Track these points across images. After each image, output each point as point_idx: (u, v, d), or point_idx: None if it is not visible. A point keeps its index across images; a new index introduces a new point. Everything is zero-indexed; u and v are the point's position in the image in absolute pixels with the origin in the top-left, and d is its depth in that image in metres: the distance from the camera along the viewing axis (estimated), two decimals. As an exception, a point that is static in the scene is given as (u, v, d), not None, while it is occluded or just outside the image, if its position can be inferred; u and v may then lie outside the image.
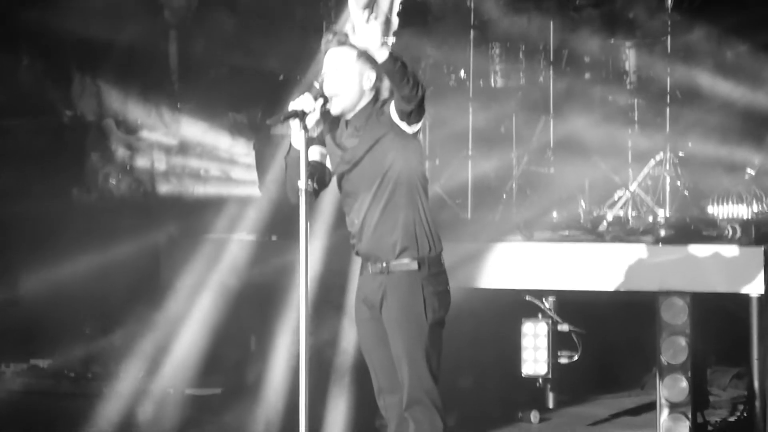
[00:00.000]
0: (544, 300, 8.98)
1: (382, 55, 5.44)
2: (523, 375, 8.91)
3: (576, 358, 9.00)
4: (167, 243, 9.58)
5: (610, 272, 8.59)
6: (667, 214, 9.45)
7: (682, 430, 8.28)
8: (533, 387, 9.08)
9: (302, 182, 5.44)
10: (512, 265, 8.81)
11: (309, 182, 5.46)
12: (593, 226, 9.38)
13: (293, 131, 5.55)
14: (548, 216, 9.54)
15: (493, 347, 9.23)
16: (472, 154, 9.82)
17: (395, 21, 10.32)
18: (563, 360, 8.98)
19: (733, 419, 8.90)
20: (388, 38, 10.35)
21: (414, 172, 5.69)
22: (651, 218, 9.40)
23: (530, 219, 9.30)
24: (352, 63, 5.65)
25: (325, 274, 8.58)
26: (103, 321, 9.84)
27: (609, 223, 9.38)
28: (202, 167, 10.47)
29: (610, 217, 9.45)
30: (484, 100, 9.96)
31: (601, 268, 8.61)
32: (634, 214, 9.53)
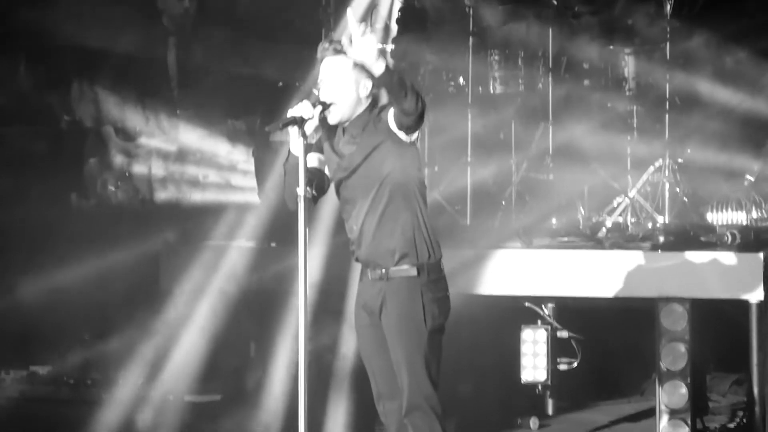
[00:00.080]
0: (543, 306, 8.98)
1: (378, 68, 5.44)
2: (522, 381, 8.91)
3: (575, 364, 9.00)
4: (166, 249, 9.57)
5: (609, 279, 8.56)
6: (667, 221, 9.42)
7: (681, 437, 8.32)
8: (533, 393, 9.06)
9: (301, 189, 5.42)
10: (511, 271, 8.78)
11: (308, 189, 5.44)
12: (592, 232, 9.33)
13: (292, 138, 5.54)
14: (547, 222, 9.50)
15: (493, 353, 9.20)
16: (471, 160, 9.80)
17: (394, 28, 10.37)
18: (562, 366, 8.98)
19: (732, 425, 8.86)
20: (386, 45, 10.42)
21: (412, 179, 5.67)
22: (650, 225, 9.35)
23: (529, 225, 9.26)
24: (348, 71, 5.63)
25: (324, 281, 8.58)
26: (102, 327, 9.82)
27: (608, 229, 9.33)
28: (200, 174, 10.46)
29: (609, 223, 9.40)
30: (483, 106, 9.95)
31: (600, 274, 8.59)
32: (633, 220, 9.48)
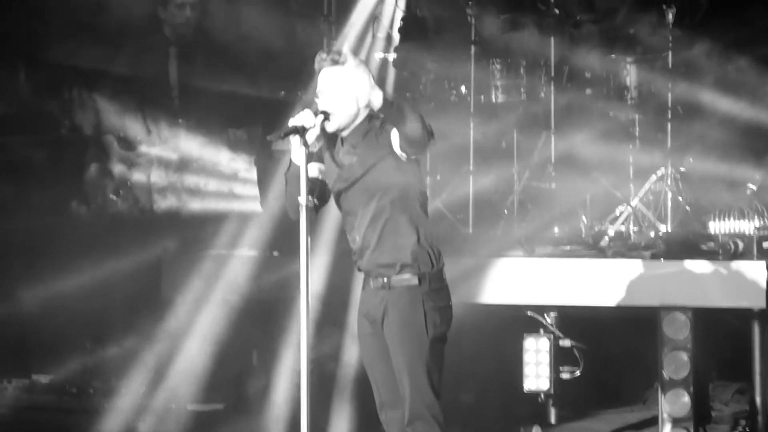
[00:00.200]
0: (545, 315, 8.97)
1: (377, 99, 5.47)
2: (524, 390, 8.90)
3: (578, 373, 8.99)
4: (168, 258, 9.56)
5: (611, 287, 8.58)
6: (669, 230, 9.42)
7: (684, 445, 8.32)
8: (535, 402, 9.04)
9: (302, 198, 5.41)
10: (514, 280, 8.79)
11: (309, 198, 5.43)
12: (595, 241, 9.33)
13: (293, 147, 5.51)
14: (549, 231, 9.51)
15: (495, 362, 9.20)
16: (473, 169, 9.82)
17: (396, 37, 10.40)
18: (565, 375, 8.97)
19: (735, 434, 8.96)
20: (388, 54, 10.43)
21: (413, 190, 5.67)
22: (652, 233, 9.36)
23: (531, 234, 9.28)
24: (346, 82, 5.59)
25: (327, 290, 8.58)
26: (104, 336, 9.81)
27: (610, 238, 9.32)
28: (201, 183, 10.44)
29: (611, 232, 9.40)
30: (485, 115, 9.96)
31: (602, 283, 8.60)
32: (635, 229, 9.48)
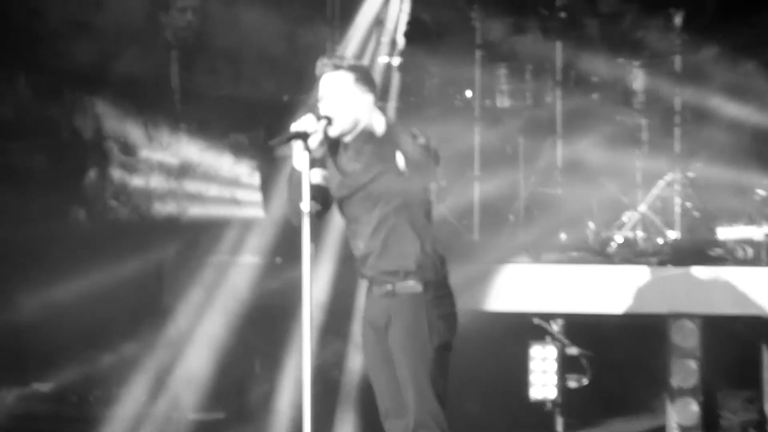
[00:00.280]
0: (552, 323, 8.97)
1: (379, 126, 5.45)
2: (531, 399, 8.91)
3: (585, 381, 8.97)
4: (170, 265, 9.55)
5: (618, 294, 8.60)
6: (677, 236, 9.46)
7: (693, 454, 8.31)
8: (541, 411, 9.04)
9: (305, 204, 5.36)
10: (519, 287, 8.81)
11: (312, 204, 5.40)
12: (601, 247, 9.36)
13: (296, 152, 5.45)
14: (556, 237, 9.52)
15: (501, 371, 9.13)
16: (478, 174, 9.83)
17: (401, 41, 10.37)
18: (572, 384, 8.96)
19: (744, 443, 8.93)
20: (393, 59, 10.41)
21: (417, 198, 5.60)
22: (660, 240, 9.40)
23: (537, 240, 9.31)
24: (348, 87, 5.54)
25: (330, 297, 8.56)
26: (105, 344, 9.78)
27: (618, 244, 9.37)
28: (203, 188, 10.42)
29: (618, 238, 9.44)
30: (490, 120, 9.96)
31: (609, 290, 8.63)
32: (643, 235, 9.49)
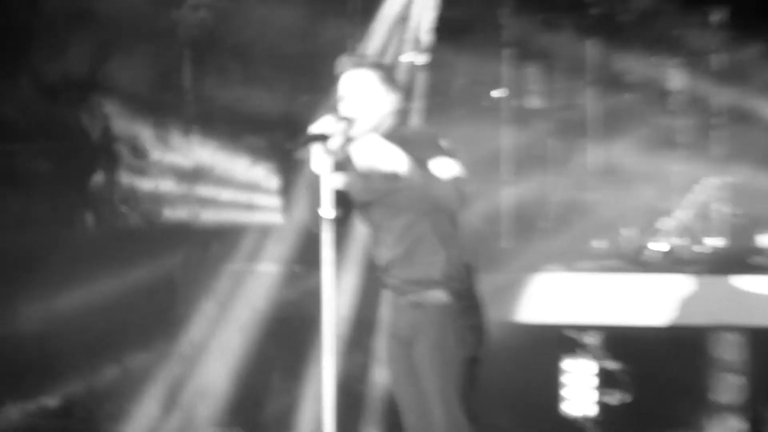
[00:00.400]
0: (586, 335, 8.93)
1: (401, 168, 5.36)
2: (564, 416, 8.86)
3: (620, 397, 8.91)
4: (183, 274, 9.57)
5: (655, 305, 8.56)
6: (717, 243, 9.45)
7: (737, 475, 8.27)
8: (575, 428, 8.94)
9: (325, 210, 5.35)
10: (552, 297, 8.81)
11: (333, 210, 5.38)
12: (639, 256, 9.35)
13: (314, 156, 5.45)
14: (589, 245, 9.57)
15: (532, 386, 9.02)
16: (507, 179, 9.81)
17: (425, 39, 10.35)
18: (607, 400, 8.89)
19: (792, 463, 8.83)
20: (417, 57, 10.39)
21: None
22: (699, 248, 9.40)
23: (570, 248, 9.34)
24: (371, 86, 5.56)
25: (352, 308, 8.55)
26: (115, 356, 9.79)
27: (654, 252, 9.35)
28: (218, 193, 10.43)
29: (656, 246, 9.43)
30: (520, 121, 9.96)
31: (646, 301, 8.60)
32: (682, 243, 9.51)
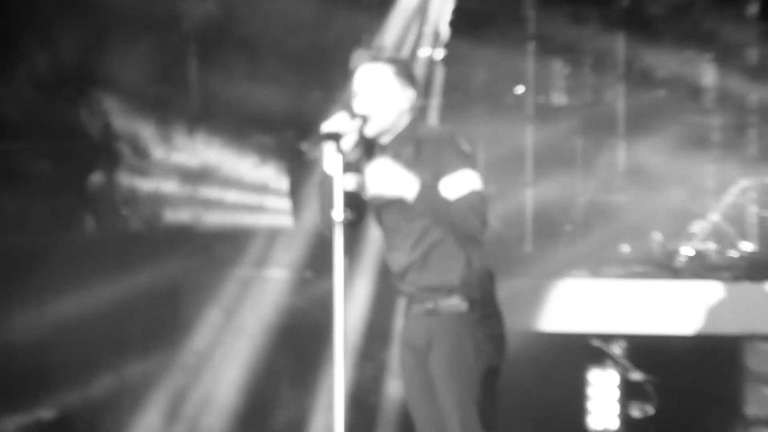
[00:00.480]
0: (613, 345, 8.88)
1: (410, 193, 5.27)
2: (589, 429, 8.91)
3: (650, 410, 8.89)
4: (188, 279, 9.58)
5: (687, 313, 8.61)
6: (752, 248, 9.49)
7: (770, 491, 8.33)
8: (601, 444, 9.00)
9: (337, 213, 5.26)
10: (577, 305, 8.84)
11: (345, 213, 5.28)
12: (668, 261, 9.38)
13: (327, 155, 5.35)
14: (617, 250, 9.60)
15: (556, 398, 9.10)
16: (531, 179, 9.80)
17: (445, 31, 10.32)
18: (635, 413, 8.90)
19: (828, 479, 8.86)
20: (436, 51, 10.32)
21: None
22: (734, 252, 9.43)
23: (597, 253, 9.41)
24: (387, 80, 5.45)
25: (365, 315, 8.53)
26: (116, 366, 9.78)
27: (686, 258, 9.38)
28: (224, 195, 10.46)
29: (687, 251, 9.43)
30: (545, 119, 9.95)
31: (677, 308, 8.64)
32: (714, 247, 9.52)
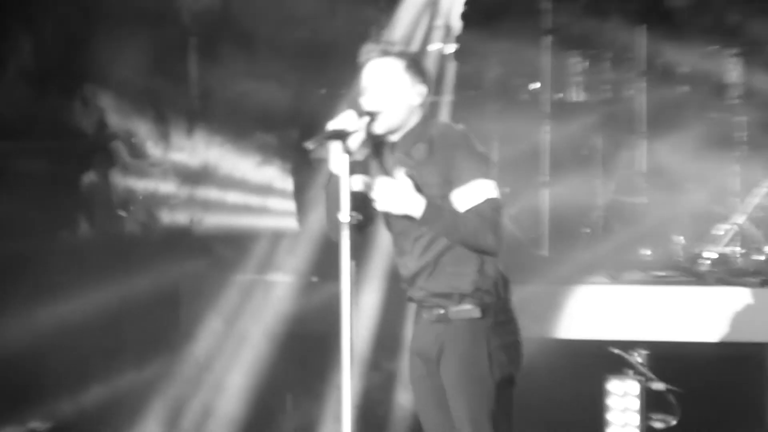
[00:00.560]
0: (633, 353, 8.85)
1: (417, 211, 5.37)
2: (609, 442, 8.81)
3: (673, 422, 8.85)
4: (188, 285, 9.58)
5: (712, 320, 8.62)
6: (778, 252, 9.42)
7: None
8: (621, 455, 8.94)
9: (344, 215, 5.25)
10: (596, 311, 8.86)
11: (353, 215, 5.28)
12: (692, 265, 9.41)
13: (334, 155, 5.39)
14: (638, 254, 9.61)
15: (573, 409, 8.98)
16: (548, 180, 9.78)
17: (456, 24, 10.31)
18: (657, 425, 8.78)
19: None
20: (447, 45, 10.30)
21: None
22: (761, 256, 9.43)
23: (617, 257, 9.36)
24: (398, 75, 5.49)
25: (374, 322, 8.52)
26: (113, 376, 9.78)
27: (711, 262, 9.40)
28: (226, 196, 10.48)
29: (711, 255, 9.45)
30: (562, 116, 9.95)
31: (701, 315, 8.65)
32: (740, 251, 9.55)
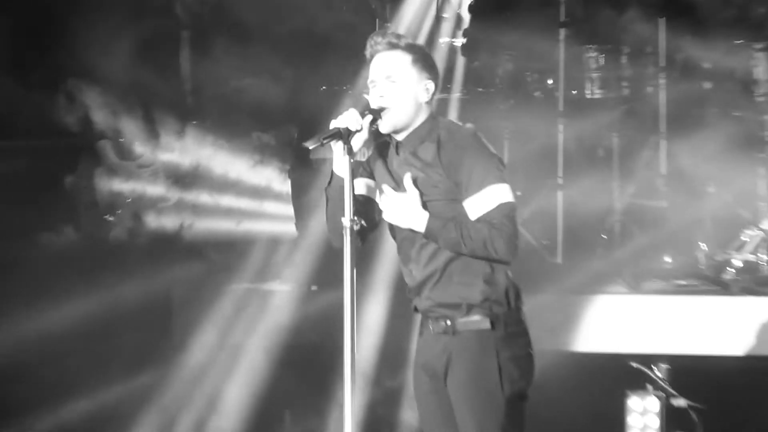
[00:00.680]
0: (654, 367, 8.85)
1: (419, 225, 5.45)
2: (628, 461, 8.71)
3: (692, 439, 8.87)
4: (180, 294, 9.58)
5: (737, 332, 8.66)
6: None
7: None
8: (641, 475, 8.91)
9: (347, 219, 5.28)
10: (614, 322, 8.87)
11: (355, 219, 5.29)
12: (716, 274, 9.41)
13: (336, 156, 5.41)
14: (659, 261, 9.60)
15: (591, 426, 9.03)
16: (562, 182, 9.77)
17: (466, 17, 10.32)
18: (676, 441, 8.86)
19: None
20: (456, 39, 10.31)
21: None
22: None
23: (636, 265, 9.31)
24: (405, 70, 5.51)
25: (378, 334, 8.52)
26: (105, 386, 9.79)
27: (736, 270, 9.40)
28: (219, 199, 10.48)
29: (737, 262, 9.47)
30: (578, 115, 9.94)
31: (726, 327, 8.69)
32: (766, 259, 9.42)
